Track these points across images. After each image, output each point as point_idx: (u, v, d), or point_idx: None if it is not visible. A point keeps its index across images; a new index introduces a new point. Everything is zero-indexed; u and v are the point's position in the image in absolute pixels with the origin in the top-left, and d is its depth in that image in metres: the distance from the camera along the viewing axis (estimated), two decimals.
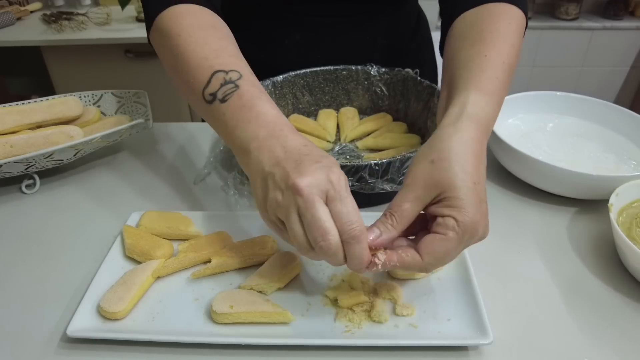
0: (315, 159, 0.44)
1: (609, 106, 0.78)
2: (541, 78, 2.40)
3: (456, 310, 0.50)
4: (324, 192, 0.42)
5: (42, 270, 0.57)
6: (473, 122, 0.47)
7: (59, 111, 0.74)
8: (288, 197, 0.43)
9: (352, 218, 0.42)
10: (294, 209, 0.43)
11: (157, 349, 0.47)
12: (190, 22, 0.56)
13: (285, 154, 0.45)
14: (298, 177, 0.42)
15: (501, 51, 0.53)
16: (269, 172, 0.45)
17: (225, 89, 0.50)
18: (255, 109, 0.49)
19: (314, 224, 0.42)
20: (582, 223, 0.64)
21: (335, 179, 0.42)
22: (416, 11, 0.93)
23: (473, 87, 0.50)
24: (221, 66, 0.51)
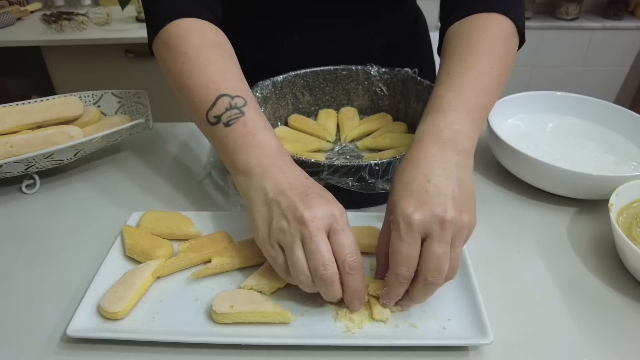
0: (318, 192, 0.47)
1: (609, 106, 0.78)
2: (541, 78, 2.40)
3: (456, 310, 0.50)
4: (328, 225, 0.46)
5: (42, 270, 0.57)
6: (420, 140, 0.50)
7: (59, 111, 0.74)
8: (294, 227, 0.45)
9: (353, 250, 0.46)
10: (298, 238, 0.45)
11: (157, 349, 0.47)
12: (196, 40, 0.57)
13: (290, 185, 0.48)
14: (306, 210, 0.45)
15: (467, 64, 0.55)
16: (273, 199, 0.47)
17: (229, 113, 0.52)
18: (258, 138, 0.51)
19: (317, 253, 0.44)
20: (582, 223, 0.64)
21: (338, 214, 0.46)
22: (414, 11, 0.93)
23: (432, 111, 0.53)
24: (227, 90, 0.53)
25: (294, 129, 0.80)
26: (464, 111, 0.51)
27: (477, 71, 0.54)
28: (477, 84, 0.53)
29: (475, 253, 0.57)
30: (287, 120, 0.82)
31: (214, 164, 0.74)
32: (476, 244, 0.58)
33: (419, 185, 0.46)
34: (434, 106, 0.53)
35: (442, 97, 0.53)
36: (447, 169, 0.47)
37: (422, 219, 0.44)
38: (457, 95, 0.52)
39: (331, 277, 0.45)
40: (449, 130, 0.50)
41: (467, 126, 0.51)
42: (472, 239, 0.58)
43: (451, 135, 0.50)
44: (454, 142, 0.49)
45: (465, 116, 0.51)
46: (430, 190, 0.45)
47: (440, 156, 0.48)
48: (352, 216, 0.62)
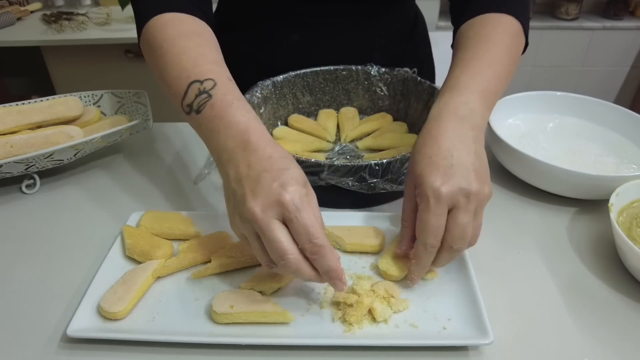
0: (273, 176, 0.45)
1: (609, 106, 0.78)
2: (541, 78, 2.40)
3: (456, 310, 0.50)
4: (280, 213, 0.44)
5: (43, 270, 0.57)
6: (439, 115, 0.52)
7: (59, 111, 0.74)
8: (246, 222, 0.45)
9: (311, 235, 0.44)
10: (252, 232, 0.45)
11: (157, 349, 0.47)
12: (173, 32, 0.57)
13: (248, 170, 0.46)
14: (252, 201, 0.44)
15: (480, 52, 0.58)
16: (232, 190, 0.47)
17: (199, 99, 0.51)
18: (225, 119, 0.50)
19: (272, 245, 0.44)
20: (582, 223, 0.64)
21: (288, 199, 0.43)
22: (413, 11, 0.93)
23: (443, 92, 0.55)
24: (197, 76, 0.52)
25: (294, 129, 0.80)
26: (477, 92, 0.54)
27: (489, 59, 0.57)
28: (489, 70, 0.56)
29: (475, 253, 0.56)
30: (287, 120, 0.82)
31: (214, 163, 0.74)
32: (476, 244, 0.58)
33: (443, 159, 0.48)
34: (449, 86, 0.55)
35: (457, 78, 0.55)
36: (466, 143, 0.49)
37: (450, 191, 0.46)
38: (472, 78, 0.55)
39: (293, 264, 0.44)
40: (464, 108, 0.52)
41: (480, 105, 0.53)
42: None
43: (467, 112, 0.52)
44: (469, 119, 0.51)
45: (479, 97, 0.54)
46: (454, 163, 0.47)
47: (459, 131, 0.50)
48: (353, 216, 0.62)
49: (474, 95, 0.53)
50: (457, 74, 0.56)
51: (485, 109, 0.54)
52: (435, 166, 0.47)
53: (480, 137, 0.51)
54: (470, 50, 0.58)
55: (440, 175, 0.47)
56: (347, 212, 0.63)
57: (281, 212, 0.44)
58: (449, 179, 0.47)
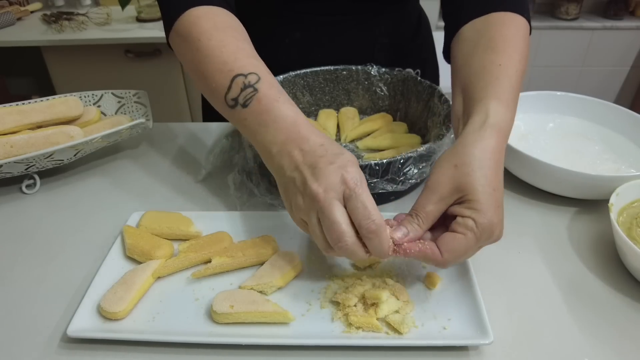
0: (329, 160, 0.46)
1: (609, 106, 0.78)
2: (541, 78, 2.40)
3: (456, 310, 0.50)
4: (340, 193, 0.45)
5: (43, 270, 0.57)
6: (495, 131, 0.49)
7: (59, 111, 0.74)
8: (307, 203, 0.46)
9: (369, 213, 0.44)
10: (313, 214, 0.46)
11: (157, 349, 0.47)
12: (208, 25, 0.57)
13: (304, 158, 0.47)
14: (314, 183, 0.45)
15: (513, 59, 0.56)
16: (289, 177, 0.48)
17: (245, 93, 0.52)
18: (273, 113, 0.51)
19: (331, 227, 0.44)
20: (582, 223, 0.64)
21: (349, 178, 0.45)
22: (417, 11, 0.93)
23: (492, 97, 0.52)
24: (240, 69, 0.53)
25: None
26: (514, 112, 0.53)
27: (521, 73, 0.56)
28: (520, 86, 0.56)
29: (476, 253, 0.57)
30: None
31: (214, 164, 0.74)
32: None
33: (500, 198, 0.47)
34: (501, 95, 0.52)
35: (506, 92, 0.53)
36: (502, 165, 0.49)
37: (493, 233, 0.46)
38: (509, 89, 0.53)
39: (349, 248, 0.45)
40: (509, 131, 0.52)
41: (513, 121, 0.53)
42: None
43: (508, 137, 0.52)
44: (506, 135, 0.51)
45: (514, 111, 0.53)
46: (500, 204, 0.47)
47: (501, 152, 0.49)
48: None
49: (514, 118, 0.53)
50: (505, 85, 0.53)
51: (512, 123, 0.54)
52: (498, 204, 0.47)
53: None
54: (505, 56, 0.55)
55: (497, 215, 0.46)
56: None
57: (342, 190, 0.45)
58: (499, 222, 0.47)
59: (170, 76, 1.88)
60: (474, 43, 0.59)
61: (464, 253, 0.47)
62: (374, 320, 0.48)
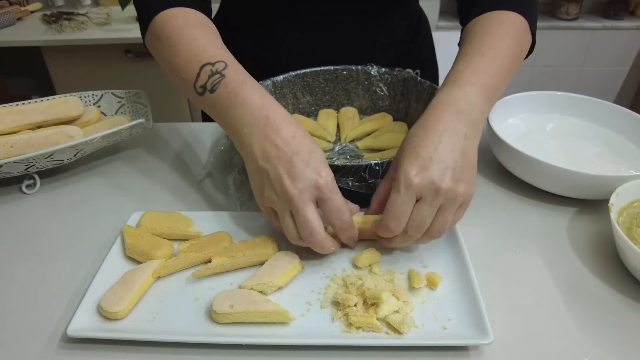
0: (304, 158, 0.50)
1: (609, 106, 0.78)
2: (541, 78, 2.40)
3: (456, 310, 0.50)
4: (314, 195, 0.50)
5: (43, 270, 0.57)
6: (435, 107, 0.53)
7: (59, 111, 0.74)
8: (282, 201, 0.50)
9: (341, 213, 0.51)
10: (287, 210, 0.50)
11: (157, 349, 0.47)
12: (180, 23, 0.61)
13: (277, 152, 0.50)
14: (290, 185, 0.49)
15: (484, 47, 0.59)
16: (262, 168, 0.51)
17: (213, 79, 0.55)
18: (241, 96, 0.53)
19: (304, 224, 0.49)
20: (582, 223, 0.64)
21: (323, 183, 0.49)
22: (417, 11, 0.93)
23: (445, 83, 0.56)
24: (208, 59, 0.56)
25: None
26: (479, 86, 0.55)
27: (493, 54, 0.58)
28: (492, 65, 0.57)
29: (475, 253, 0.57)
30: None
31: (214, 164, 0.74)
32: (476, 244, 0.59)
33: (425, 151, 0.49)
34: (451, 79, 0.56)
35: (460, 72, 0.56)
36: (454, 139, 0.50)
37: (420, 183, 0.48)
38: (474, 72, 0.56)
39: (320, 243, 0.51)
40: (464, 101, 0.53)
41: (480, 99, 0.54)
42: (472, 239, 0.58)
43: (465, 106, 0.53)
44: (466, 113, 0.52)
45: (480, 91, 0.55)
46: (434, 157, 0.49)
47: (451, 125, 0.51)
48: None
49: (474, 89, 0.54)
50: (459, 68, 0.57)
51: (485, 104, 0.55)
52: (415, 156, 0.49)
53: (474, 132, 0.52)
54: (474, 45, 0.59)
55: (417, 166, 0.49)
56: None
57: (316, 194, 0.49)
58: (423, 170, 0.48)
59: None
60: (471, 33, 0.63)
61: (395, 210, 0.49)
62: (373, 320, 0.48)
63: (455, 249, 0.56)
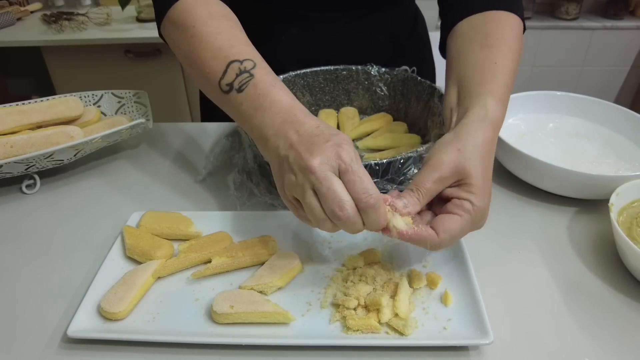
0: (325, 138, 0.46)
1: (609, 106, 0.78)
2: (541, 78, 2.40)
3: (456, 310, 0.50)
4: (335, 167, 0.45)
5: (43, 270, 0.57)
6: (492, 125, 0.52)
7: (59, 111, 0.74)
8: (302, 177, 0.45)
9: (367, 187, 0.44)
10: (308, 186, 0.45)
11: (158, 349, 0.47)
12: (202, 13, 0.58)
13: (299, 137, 0.47)
14: (309, 157, 0.44)
15: (508, 58, 0.58)
16: (284, 156, 0.47)
17: (241, 78, 0.52)
18: (270, 97, 0.51)
19: (330, 196, 0.44)
20: (582, 223, 0.64)
21: (344, 154, 0.45)
22: (413, 9, 0.93)
23: (489, 93, 0.54)
24: (236, 56, 0.53)
25: None
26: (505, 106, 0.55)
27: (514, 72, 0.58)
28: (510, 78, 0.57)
29: (475, 253, 0.57)
30: None
31: (214, 164, 0.74)
32: (476, 244, 0.59)
33: (489, 187, 0.50)
34: (498, 92, 0.55)
35: (503, 88, 0.56)
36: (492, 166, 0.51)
37: (484, 218, 0.49)
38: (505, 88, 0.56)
39: (349, 218, 0.44)
40: (499, 124, 0.54)
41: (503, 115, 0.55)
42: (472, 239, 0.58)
43: (499, 123, 0.53)
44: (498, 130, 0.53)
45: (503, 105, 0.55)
46: (490, 194, 0.50)
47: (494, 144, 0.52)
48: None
49: (504, 111, 0.55)
50: (501, 82, 0.56)
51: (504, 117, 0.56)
52: (489, 191, 0.49)
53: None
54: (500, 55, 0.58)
55: (487, 198, 0.49)
56: None
57: (337, 164, 0.45)
58: (488, 209, 0.49)
59: (170, 76, 1.88)
60: (469, 38, 0.61)
61: (459, 234, 0.48)
62: (371, 321, 0.48)
63: (455, 249, 0.56)
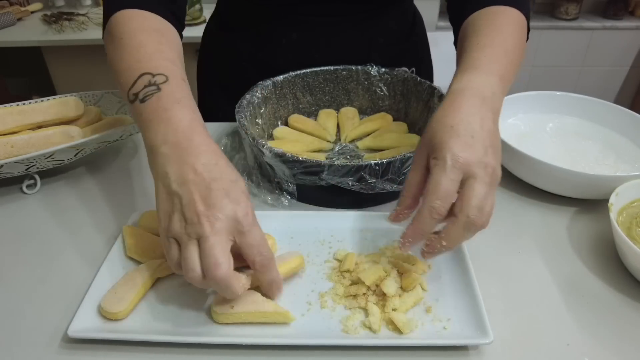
0: (224, 188, 0.45)
1: (609, 106, 0.78)
2: (541, 78, 2.40)
3: (456, 310, 0.50)
4: (231, 228, 0.44)
5: (43, 270, 0.57)
6: (458, 92, 0.51)
7: (59, 111, 0.74)
8: (191, 227, 0.44)
9: (261, 249, 0.45)
10: (194, 237, 0.44)
11: (158, 349, 0.47)
12: (133, 26, 0.58)
13: (195, 176, 0.45)
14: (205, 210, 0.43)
15: (494, 39, 0.58)
16: (175, 192, 0.45)
17: (147, 90, 0.51)
18: (169, 113, 0.49)
19: (210, 252, 0.43)
20: (582, 223, 0.64)
21: (241, 216, 0.44)
22: (412, 11, 0.94)
23: (460, 70, 0.54)
24: (150, 69, 0.53)
25: (294, 129, 0.80)
26: (498, 76, 0.54)
27: (504, 48, 0.57)
28: (505, 57, 0.57)
29: (475, 253, 0.57)
30: (288, 120, 0.82)
31: None
32: (476, 244, 0.58)
33: (464, 129, 0.47)
34: (471, 65, 0.54)
35: (478, 60, 0.55)
36: (486, 122, 0.49)
37: (469, 159, 0.45)
38: (492, 62, 0.55)
39: (223, 277, 0.43)
40: (488, 89, 0.52)
41: (499, 90, 0.53)
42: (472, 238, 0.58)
43: (489, 94, 0.51)
44: (491, 100, 0.51)
45: (499, 81, 0.54)
46: (475, 136, 0.47)
47: (480, 109, 0.49)
48: (352, 216, 0.62)
49: (495, 79, 0.53)
50: (476, 56, 0.55)
51: (502, 95, 0.54)
52: (456, 134, 0.46)
53: (497, 120, 0.51)
54: (486, 37, 0.58)
55: (461, 143, 0.46)
56: (347, 212, 0.63)
57: (233, 227, 0.44)
58: (469, 147, 0.46)
59: None
60: (463, 34, 0.63)
61: (441, 189, 0.45)
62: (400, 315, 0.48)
63: (455, 249, 0.56)
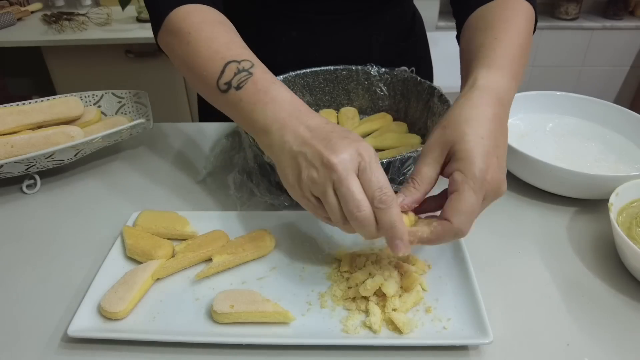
0: (341, 134, 0.46)
1: (609, 106, 0.78)
2: (541, 78, 2.40)
3: (456, 310, 0.50)
4: (356, 165, 0.45)
5: (43, 270, 0.57)
6: (483, 91, 0.51)
7: (59, 111, 0.74)
8: (323, 174, 0.45)
9: (382, 185, 0.45)
10: (329, 185, 0.45)
11: (158, 348, 0.47)
12: (198, 20, 0.58)
13: (311, 133, 0.47)
14: (331, 154, 0.44)
15: (508, 32, 0.58)
16: (298, 152, 0.47)
17: (239, 77, 0.52)
18: (271, 94, 0.51)
19: (349, 196, 0.44)
20: (582, 223, 0.64)
21: (364, 152, 0.45)
22: (411, 10, 0.94)
23: (483, 65, 0.54)
24: (233, 57, 0.53)
25: None
26: (515, 80, 0.54)
27: (519, 43, 0.58)
28: (519, 55, 0.57)
29: (475, 253, 0.57)
30: None
31: (214, 164, 0.74)
32: (476, 244, 0.59)
33: (490, 147, 0.47)
34: (493, 63, 0.54)
35: (500, 58, 0.55)
36: (504, 139, 0.50)
37: (490, 183, 0.46)
38: (510, 62, 0.55)
39: (365, 218, 0.44)
40: (507, 96, 0.52)
41: (513, 94, 0.54)
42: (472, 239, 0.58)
43: (507, 101, 0.52)
44: (506, 107, 0.52)
45: (515, 85, 0.54)
46: (500, 157, 0.47)
47: (501, 122, 0.50)
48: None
49: (512, 83, 0.53)
50: (498, 53, 0.55)
51: (514, 93, 0.55)
52: (486, 150, 0.46)
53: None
54: (500, 31, 0.58)
55: (489, 163, 0.46)
56: None
57: (357, 161, 0.45)
58: (493, 170, 0.46)
59: (170, 76, 1.88)
60: (475, 27, 0.62)
61: (470, 210, 0.45)
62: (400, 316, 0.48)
63: (455, 249, 0.56)
